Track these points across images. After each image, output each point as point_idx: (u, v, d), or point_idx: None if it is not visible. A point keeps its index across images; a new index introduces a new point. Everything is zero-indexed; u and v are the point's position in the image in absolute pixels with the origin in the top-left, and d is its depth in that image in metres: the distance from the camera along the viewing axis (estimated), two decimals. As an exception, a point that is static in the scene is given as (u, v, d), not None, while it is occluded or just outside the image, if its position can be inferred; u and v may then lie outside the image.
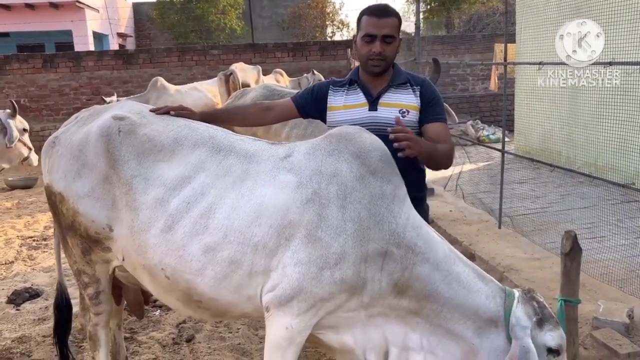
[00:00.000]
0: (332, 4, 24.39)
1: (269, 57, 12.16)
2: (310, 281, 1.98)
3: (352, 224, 2.00)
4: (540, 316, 2.03)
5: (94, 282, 2.45)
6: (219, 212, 2.06)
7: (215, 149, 2.19)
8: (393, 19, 2.42)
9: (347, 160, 2.08)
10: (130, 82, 12.15)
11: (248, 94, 4.95)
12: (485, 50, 12.19)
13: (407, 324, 2.14)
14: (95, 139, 2.26)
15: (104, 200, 2.24)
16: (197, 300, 2.16)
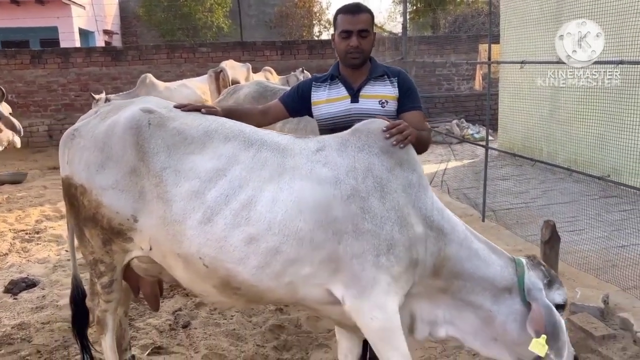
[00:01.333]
0: (319, 4, 24.57)
1: (257, 55, 12.25)
2: (371, 269, 2.10)
3: (394, 212, 2.13)
4: (549, 278, 2.26)
5: (110, 271, 2.50)
6: (260, 204, 2.14)
7: (247, 143, 2.27)
8: (366, 14, 2.62)
9: (377, 155, 2.21)
10: (119, 79, 12.16)
11: (241, 90, 5.06)
12: (470, 50, 12.43)
13: (434, 301, 2.32)
14: (123, 131, 2.30)
15: (130, 192, 2.28)
16: (235, 287, 2.24)
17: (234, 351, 3.47)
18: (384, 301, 2.13)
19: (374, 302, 2.13)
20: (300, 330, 3.78)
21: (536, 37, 5.62)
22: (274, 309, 4.03)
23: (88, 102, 10.52)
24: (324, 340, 3.61)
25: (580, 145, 5.20)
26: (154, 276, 2.61)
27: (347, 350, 2.57)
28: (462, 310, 2.31)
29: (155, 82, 9.82)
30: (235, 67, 9.25)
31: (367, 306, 2.13)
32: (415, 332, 2.36)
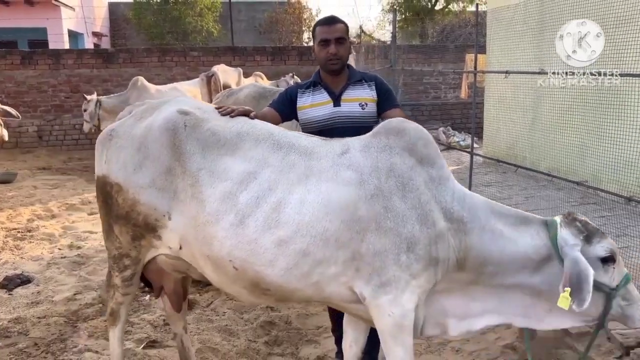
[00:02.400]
0: (308, 11, 24.74)
1: (248, 60, 12.37)
2: (393, 267, 2.16)
3: (414, 211, 2.19)
4: (586, 232, 2.19)
5: (134, 265, 2.56)
6: (289, 207, 2.20)
7: (276, 145, 2.33)
8: (341, 24, 2.88)
9: (398, 154, 2.28)
10: (110, 81, 12.20)
11: (240, 92, 5.20)
12: (457, 60, 12.67)
13: (466, 294, 2.33)
14: (160, 132, 2.37)
15: (166, 190, 2.34)
16: (264, 288, 2.29)
17: (227, 346, 3.58)
18: (402, 298, 2.19)
19: (392, 299, 2.19)
20: (290, 326, 3.90)
21: (520, 48, 5.82)
22: (264, 306, 4.15)
23: (78, 103, 10.58)
24: (313, 337, 3.73)
25: (562, 153, 5.40)
26: (181, 272, 2.66)
27: (353, 340, 2.62)
28: (502, 295, 2.29)
29: (146, 85, 9.88)
30: (227, 72, 9.37)
31: (386, 302, 2.19)
32: (449, 329, 2.35)
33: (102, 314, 4.00)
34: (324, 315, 3.97)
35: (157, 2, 20.80)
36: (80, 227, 6.38)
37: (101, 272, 4.90)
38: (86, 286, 4.56)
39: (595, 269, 2.12)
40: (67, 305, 4.18)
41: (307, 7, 24.59)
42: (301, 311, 4.06)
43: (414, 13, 21.54)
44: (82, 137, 11.99)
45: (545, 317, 2.29)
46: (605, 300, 2.19)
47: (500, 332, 3.68)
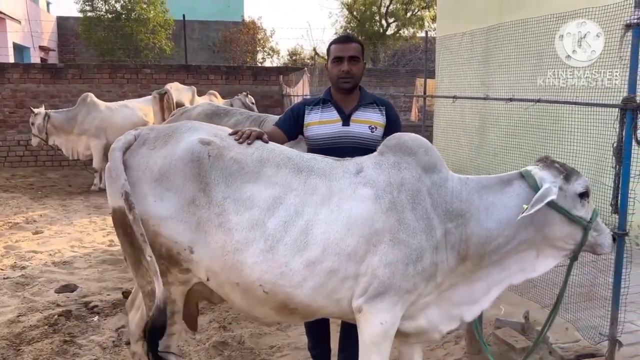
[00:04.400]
0: (263, 31, 24.94)
1: (202, 79, 12.32)
2: (399, 277, 2.27)
3: (422, 221, 2.31)
4: (565, 172, 2.40)
5: (170, 303, 2.44)
6: (316, 228, 2.28)
7: (296, 169, 2.40)
8: (356, 44, 2.93)
9: (406, 168, 2.40)
10: (58, 97, 11.85)
11: (193, 110, 5.20)
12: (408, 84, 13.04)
13: (471, 280, 2.46)
14: (183, 163, 2.34)
15: (188, 222, 2.31)
16: (292, 308, 2.35)
17: (179, 366, 3.53)
18: (396, 307, 2.31)
19: (387, 307, 2.29)
20: (243, 346, 3.88)
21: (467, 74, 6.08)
22: (218, 326, 4.12)
23: (24, 119, 10.27)
24: (267, 356, 3.73)
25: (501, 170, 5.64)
26: (205, 298, 2.62)
27: None
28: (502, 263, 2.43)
29: (96, 102, 9.73)
30: (180, 90, 9.32)
31: (380, 311, 2.29)
32: (464, 317, 2.50)
33: (47, 337, 3.87)
34: (277, 335, 3.98)
35: (108, 18, 20.48)
36: (24, 247, 6.15)
37: (46, 292, 4.75)
38: (30, 307, 4.40)
39: (575, 204, 2.38)
40: (10, 328, 4.02)
41: (261, 28, 24.78)
42: (254, 330, 4.05)
43: (367, 37, 22.08)
44: (27, 153, 11.60)
45: (535, 264, 2.47)
46: (583, 233, 2.40)
47: (449, 348, 3.79)
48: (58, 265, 5.52)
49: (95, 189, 9.61)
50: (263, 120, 5.09)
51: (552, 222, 2.39)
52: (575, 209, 2.39)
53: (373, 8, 23.44)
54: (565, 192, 2.37)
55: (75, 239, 6.53)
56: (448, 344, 3.86)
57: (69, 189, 9.93)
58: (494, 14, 6.23)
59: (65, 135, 9.59)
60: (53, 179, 10.91)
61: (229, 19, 24.72)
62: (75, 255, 5.91)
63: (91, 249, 6.17)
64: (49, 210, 8.11)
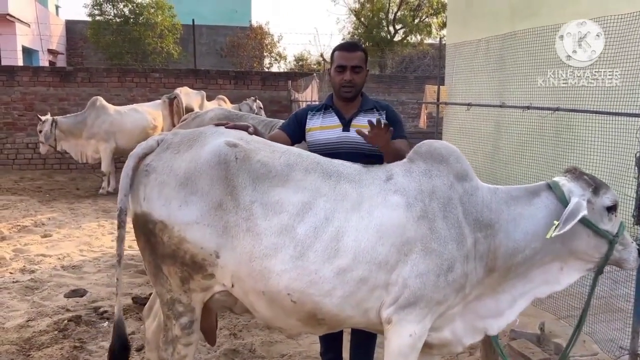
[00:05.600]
0: (270, 37, 24.96)
1: (210, 84, 12.31)
2: (430, 288, 2.22)
3: (454, 230, 2.27)
4: (594, 185, 2.36)
5: (189, 311, 2.39)
6: (347, 235, 2.22)
7: (325, 174, 2.34)
8: (360, 52, 2.88)
9: (438, 176, 2.35)
10: (67, 100, 11.87)
11: (206, 115, 5.17)
12: (416, 90, 12.99)
13: (497, 292, 2.41)
14: (209, 166, 2.28)
15: (215, 227, 2.25)
16: (320, 318, 2.29)
17: (190, 374, 3.48)
18: (425, 319, 2.27)
19: (417, 319, 2.25)
20: (254, 355, 3.83)
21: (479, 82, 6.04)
22: (228, 333, 4.07)
23: (32, 122, 10.28)
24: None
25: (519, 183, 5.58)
26: (227, 308, 2.55)
27: None
28: (527, 275, 2.40)
29: (105, 105, 9.74)
30: (190, 94, 9.32)
31: (411, 322, 2.25)
32: (488, 330, 2.45)
33: (57, 342, 3.84)
34: (288, 343, 3.93)
35: (116, 22, 20.55)
36: (33, 250, 6.13)
37: (56, 297, 4.72)
38: (40, 312, 4.37)
39: (602, 218, 2.36)
40: (20, 333, 3.99)
41: (269, 33, 24.81)
42: (265, 338, 4.00)
43: (374, 43, 22.08)
44: (35, 156, 11.60)
45: (560, 277, 2.43)
46: (608, 247, 2.37)
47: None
48: (67, 270, 5.49)
49: (103, 192, 9.61)
50: (274, 125, 5.06)
51: (579, 236, 2.36)
52: (602, 223, 2.36)
53: (380, 14, 23.44)
54: (593, 206, 2.34)
55: (84, 243, 6.50)
56: (462, 355, 3.80)
57: (77, 192, 9.92)
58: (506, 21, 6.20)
59: (74, 139, 9.60)
60: (61, 182, 10.92)
61: (237, 24, 24.77)
62: (84, 259, 5.89)
63: (100, 253, 6.14)
64: (58, 213, 8.10)
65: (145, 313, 3.02)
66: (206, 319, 2.59)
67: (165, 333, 2.46)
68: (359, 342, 3.11)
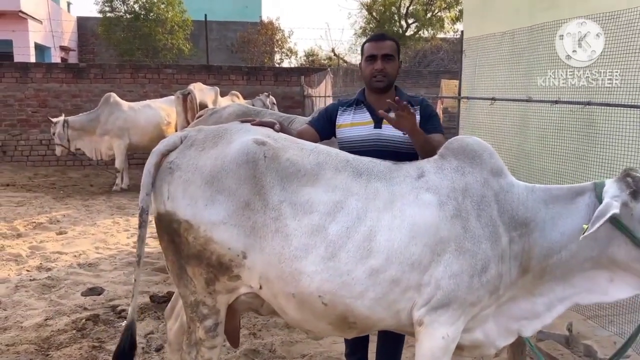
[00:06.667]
0: (281, 32, 24.87)
1: (223, 79, 12.23)
2: (464, 290, 2.15)
3: (487, 229, 2.18)
4: (634, 188, 2.11)
5: (214, 314, 2.32)
6: (379, 235, 2.15)
7: (356, 173, 2.28)
8: (391, 42, 2.80)
9: (470, 173, 2.27)
10: (80, 97, 11.87)
11: (224, 110, 5.10)
12: (431, 85, 12.86)
13: (533, 294, 2.30)
14: (237, 164, 2.21)
15: (242, 227, 2.18)
16: (351, 322, 2.23)
17: (211, 375, 3.42)
18: (459, 321, 2.19)
19: (450, 321, 2.17)
20: (274, 355, 3.77)
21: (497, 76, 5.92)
22: (247, 333, 4.01)
23: (46, 118, 10.29)
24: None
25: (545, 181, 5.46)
26: (253, 309, 2.48)
27: None
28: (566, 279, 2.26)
29: (119, 102, 9.71)
30: (203, 90, 9.25)
31: (444, 324, 2.17)
32: (522, 332, 2.35)
33: (76, 342, 3.79)
34: (308, 343, 3.86)
35: (127, 19, 20.56)
36: (49, 248, 6.10)
37: (73, 295, 4.68)
38: (58, 311, 4.32)
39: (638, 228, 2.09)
40: (38, 332, 3.95)
41: (279, 29, 24.71)
42: (285, 338, 3.94)
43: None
44: (49, 152, 11.60)
45: (609, 288, 2.25)
46: None
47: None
48: (83, 267, 5.46)
49: (117, 189, 9.59)
50: (292, 120, 4.98)
51: (617, 243, 2.17)
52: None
53: (392, 9, 23.26)
54: (632, 211, 2.11)
55: (100, 240, 6.47)
56: (488, 356, 3.70)
57: (91, 189, 9.91)
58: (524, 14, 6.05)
59: (87, 136, 9.59)
60: (74, 178, 10.92)
61: (247, 20, 24.70)
62: (100, 256, 5.85)
63: (116, 250, 6.10)
64: (72, 210, 8.08)
65: (167, 313, 2.96)
66: (230, 321, 2.50)
67: (189, 335, 2.39)
68: (386, 344, 3.03)
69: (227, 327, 2.48)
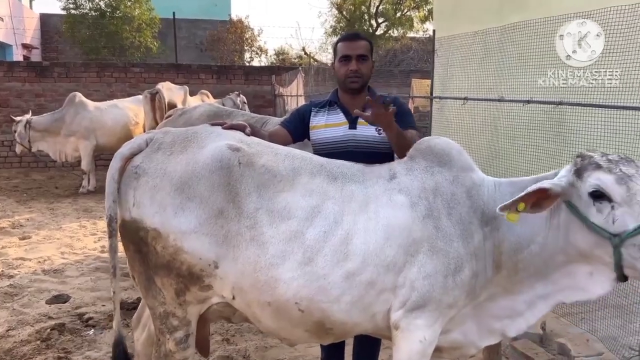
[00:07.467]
0: (250, 30, 24.67)
1: (192, 78, 12.02)
2: (439, 290, 2.12)
3: (458, 226, 2.17)
4: (578, 166, 2.00)
5: (185, 325, 2.24)
6: (356, 237, 2.13)
7: (331, 177, 2.25)
8: (364, 42, 2.76)
9: (440, 172, 2.25)
10: (43, 96, 11.50)
11: (194, 111, 4.98)
12: (401, 84, 12.90)
13: (513, 292, 2.24)
14: (209, 171, 2.13)
15: (214, 236, 2.11)
16: (328, 327, 2.20)
17: (183, 384, 3.32)
18: (435, 324, 2.17)
19: (426, 324, 2.15)
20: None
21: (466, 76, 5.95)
22: (221, 339, 3.92)
23: (7, 119, 9.96)
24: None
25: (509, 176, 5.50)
26: (224, 318, 2.41)
27: None
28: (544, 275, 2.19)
29: (84, 102, 9.46)
30: (172, 89, 9.08)
31: (421, 327, 2.15)
32: (506, 332, 2.31)
33: (40, 353, 3.64)
34: (283, 347, 3.80)
35: (92, 16, 20.06)
36: (11, 254, 5.87)
37: (37, 304, 4.50)
38: (21, 320, 4.15)
39: (588, 208, 1.97)
40: (0, 343, 3.78)
41: (249, 27, 24.51)
42: (259, 343, 3.86)
43: (356, 37, 21.94)
44: (11, 154, 11.20)
45: (589, 284, 2.13)
46: (612, 249, 1.94)
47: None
48: (48, 274, 5.27)
49: (83, 191, 9.33)
50: (265, 122, 4.89)
51: (574, 229, 2.05)
52: (591, 214, 1.97)
53: (362, 8, 23.32)
54: (579, 191, 1.99)
55: (66, 245, 6.26)
56: (464, 356, 3.70)
57: (56, 192, 9.62)
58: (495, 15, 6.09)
59: (51, 137, 9.29)
60: (39, 180, 10.59)
61: (216, 18, 24.41)
62: (65, 262, 5.65)
63: (82, 255, 5.91)
64: (36, 213, 7.82)
65: (133, 323, 2.85)
66: (199, 330, 2.42)
67: (158, 348, 2.31)
68: (362, 347, 2.99)
69: (197, 336, 2.40)
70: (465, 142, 6.48)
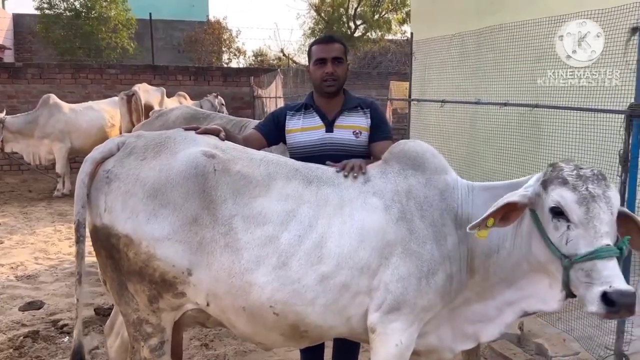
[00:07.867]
0: (228, 32, 24.53)
1: (169, 80, 11.91)
2: (413, 293, 2.13)
3: (431, 229, 2.18)
4: (545, 178, 1.94)
5: (159, 332, 2.22)
6: (330, 240, 2.14)
7: (306, 181, 2.26)
8: (339, 44, 2.76)
9: (412, 175, 2.27)
10: (16, 98, 11.26)
11: (171, 113, 4.93)
12: (380, 87, 12.95)
13: (485, 297, 2.26)
14: (185, 177, 2.11)
15: (188, 243, 2.10)
16: (303, 330, 2.20)
17: (161, 391, 3.28)
18: (411, 327, 2.17)
19: (402, 327, 2.15)
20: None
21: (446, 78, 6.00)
22: (199, 344, 3.88)
23: (-20, 119, 9.71)
24: None
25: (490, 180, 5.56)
26: (199, 323, 2.39)
27: None
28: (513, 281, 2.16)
29: (59, 103, 9.29)
30: (149, 91, 8.99)
31: (397, 331, 2.15)
32: (480, 336, 2.31)
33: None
34: (262, 352, 3.77)
35: (67, 16, 19.73)
36: (-18, 260, 5.75)
37: (10, 311, 4.40)
38: (-8, 328, 4.06)
39: (547, 222, 1.92)
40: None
41: (227, 28, 24.37)
42: (239, 348, 3.83)
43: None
44: (-17, 157, 10.98)
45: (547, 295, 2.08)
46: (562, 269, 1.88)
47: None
48: (21, 280, 5.17)
49: (58, 194, 9.17)
50: (244, 125, 4.85)
51: (535, 239, 2.00)
52: (549, 230, 1.92)
53: (341, 10, 23.37)
54: (543, 203, 1.93)
55: (39, 250, 6.15)
56: (443, 358, 3.72)
57: (30, 195, 9.44)
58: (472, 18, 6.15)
59: (25, 139, 9.10)
60: (11, 184, 10.38)
61: (194, 19, 24.23)
62: (39, 267, 5.55)
63: (57, 260, 5.81)
64: (9, 218, 7.66)
65: (106, 330, 2.80)
66: (173, 335, 2.39)
67: (132, 356, 2.29)
68: (341, 351, 2.98)
69: (173, 344, 2.37)
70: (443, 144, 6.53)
